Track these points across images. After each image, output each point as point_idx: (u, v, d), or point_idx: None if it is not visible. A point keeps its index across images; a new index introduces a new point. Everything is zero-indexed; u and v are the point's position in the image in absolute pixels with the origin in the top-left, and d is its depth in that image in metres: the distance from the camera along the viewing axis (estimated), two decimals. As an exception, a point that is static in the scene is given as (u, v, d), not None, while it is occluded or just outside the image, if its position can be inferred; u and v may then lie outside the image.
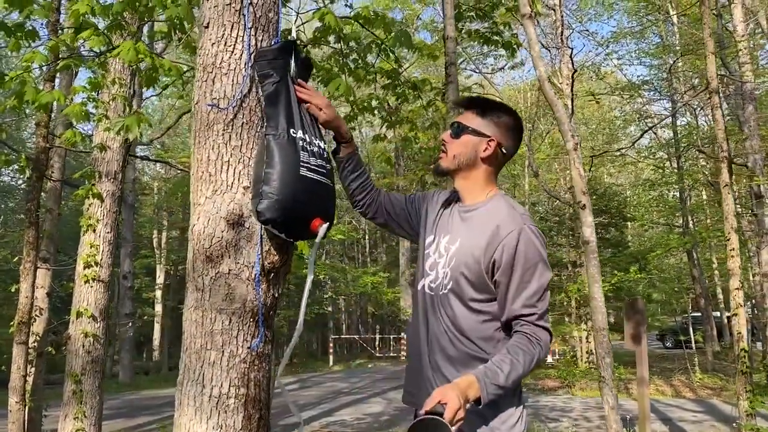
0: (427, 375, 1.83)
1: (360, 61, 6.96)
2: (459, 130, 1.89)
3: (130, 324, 19.51)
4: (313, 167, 1.93)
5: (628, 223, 27.12)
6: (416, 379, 1.89)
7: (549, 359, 19.68)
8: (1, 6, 4.22)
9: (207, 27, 1.99)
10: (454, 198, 1.98)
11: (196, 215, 1.90)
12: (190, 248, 1.91)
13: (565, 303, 22.25)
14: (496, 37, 5.79)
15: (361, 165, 2.17)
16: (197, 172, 1.94)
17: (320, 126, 2.06)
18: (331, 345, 26.67)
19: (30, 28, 4.05)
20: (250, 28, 1.97)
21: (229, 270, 1.85)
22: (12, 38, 4.15)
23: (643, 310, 7.59)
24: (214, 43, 1.96)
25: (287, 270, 1.99)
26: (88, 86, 5.83)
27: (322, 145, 2.01)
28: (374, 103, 5.67)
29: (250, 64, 1.94)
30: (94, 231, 6.94)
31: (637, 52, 21.94)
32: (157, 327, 26.02)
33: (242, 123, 1.93)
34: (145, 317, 25.53)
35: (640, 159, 23.42)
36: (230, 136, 1.92)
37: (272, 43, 2.01)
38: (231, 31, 1.96)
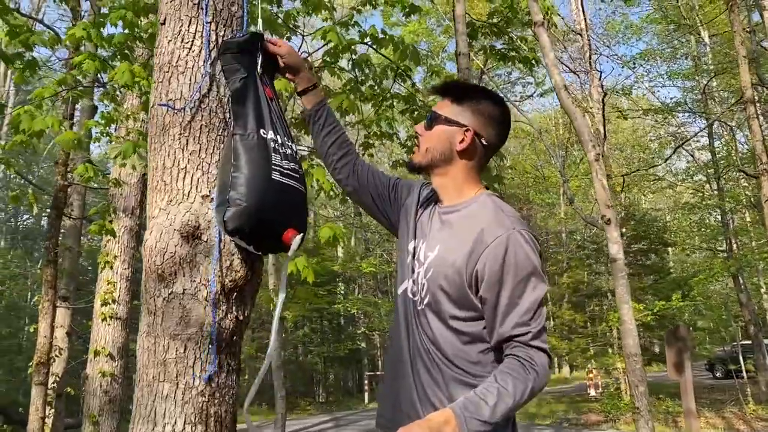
0: (410, 397, 1.55)
1: (377, 87, 6.82)
2: (431, 120, 1.64)
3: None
4: (286, 171, 1.72)
5: (669, 249, 26.31)
6: (397, 399, 1.60)
7: (592, 392, 18.89)
8: (3, 39, 4.19)
9: (164, 24, 1.81)
10: (434, 197, 1.72)
11: (149, 229, 1.70)
12: (144, 267, 1.70)
13: (606, 333, 21.52)
14: (513, 53, 5.57)
15: (333, 117, 1.93)
16: (152, 182, 1.74)
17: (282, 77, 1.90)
18: (366, 382, 26.17)
19: (29, 58, 3.99)
20: (210, 23, 1.78)
21: (184, 290, 1.63)
22: (11, 67, 4.10)
23: (685, 336, 7.13)
24: (170, 41, 1.78)
25: (255, 288, 1.76)
26: (101, 121, 5.78)
27: (294, 147, 1.80)
28: (383, 126, 5.47)
29: (210, 62, 1.76)
30: (112, 268, 6.85)
31: (668, 73, 21.47)
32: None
33: (201, 126, 1.73)
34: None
35: (677, 182, 22.77)
36: (187, 140, 1.72)
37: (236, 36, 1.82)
38: (189, 27, 1.78)
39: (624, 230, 21.43)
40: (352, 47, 5.69)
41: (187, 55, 1.76)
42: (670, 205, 28.32)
